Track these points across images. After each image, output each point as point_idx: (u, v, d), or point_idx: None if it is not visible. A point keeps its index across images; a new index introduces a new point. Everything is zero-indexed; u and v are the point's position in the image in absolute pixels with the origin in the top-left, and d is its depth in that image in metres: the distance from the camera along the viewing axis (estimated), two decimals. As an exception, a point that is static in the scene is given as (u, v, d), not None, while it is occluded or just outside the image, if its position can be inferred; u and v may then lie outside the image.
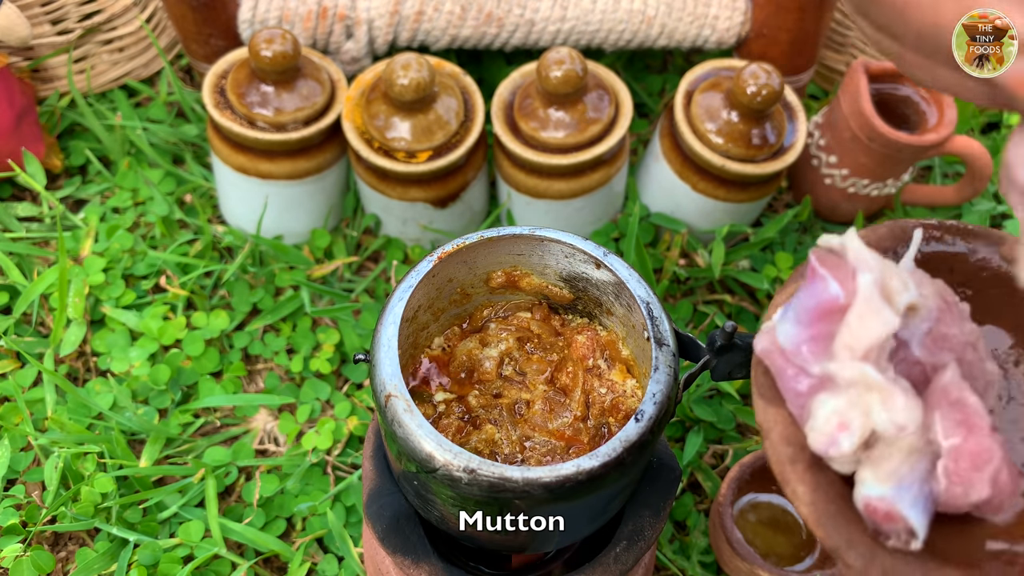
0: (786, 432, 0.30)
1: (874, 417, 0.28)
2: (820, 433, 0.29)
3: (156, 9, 0.84)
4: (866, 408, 0.28)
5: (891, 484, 0.28)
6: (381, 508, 0.45)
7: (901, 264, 0.31)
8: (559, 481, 0.35)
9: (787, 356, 0.30)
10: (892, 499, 0.28)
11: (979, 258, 0.34)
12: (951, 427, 0.28)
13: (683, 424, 0.70)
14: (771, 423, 0.31)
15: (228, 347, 0.72)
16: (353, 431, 0.68)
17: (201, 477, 0.64)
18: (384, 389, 0.37)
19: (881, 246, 0.34)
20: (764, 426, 0.31)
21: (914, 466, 0.28)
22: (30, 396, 0.67)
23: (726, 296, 0.76)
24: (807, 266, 0.31)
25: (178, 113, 0.85)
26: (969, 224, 0.35)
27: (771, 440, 0.30)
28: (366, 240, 0.78)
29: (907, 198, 0.81)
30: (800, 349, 0.30)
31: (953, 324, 0.30)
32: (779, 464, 0.30)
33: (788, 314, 0.31)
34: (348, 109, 0.70)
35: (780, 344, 0.30)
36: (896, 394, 0.28)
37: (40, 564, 0.60)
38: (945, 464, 0.28)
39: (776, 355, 0.31)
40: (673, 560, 0.64)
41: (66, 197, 0.79)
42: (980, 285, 0.34)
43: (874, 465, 0.28)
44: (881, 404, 0.28)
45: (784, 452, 0.30)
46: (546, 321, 0.46)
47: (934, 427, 0.28)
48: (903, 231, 0.34)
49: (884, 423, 0.28)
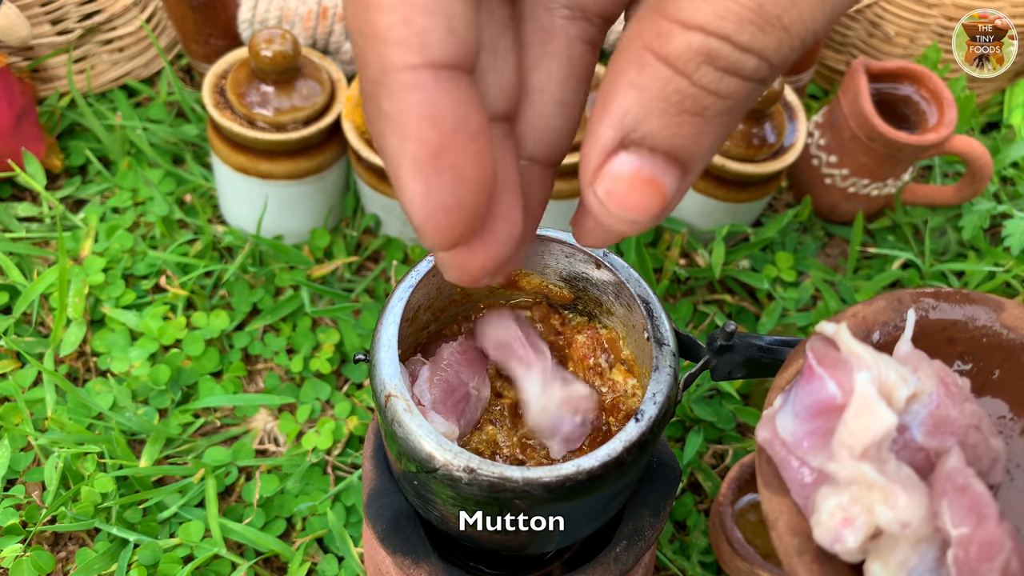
0: (792, 522, 0.30)
1: (877, 515, 0.28)
2: (825, 528, 0.29)
3: (156, 9, 0.84)
4: (868, 505, 0.28)
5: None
6: (381, 508, 0.45)
7: (898, 348, 0.31)
8: (559, 481, 0.35)
9: (788, 448, 0.30)
10: None
11: (979, 325, 0.34)
12: (960, 516, 0.28)
13: (683, 424, 0.70)
14: (776, 513, 0.31)
15: (228, 347, 0.72)
16: (353, 431, 0.68)
17: (201, 477, 0.64)
18: (384, 389, 0.37)
19: (879, 320, 0.33)
20: (770, 516, 0.31)
21: (923, 555, 0.28)
22: (30, 396, 0.67)
23: (726, 296, 0.76)
24: (804, 360, 0.31)
25: (178, 113, 0.85)
26: (967, 291, 0.34)
27: (777, 531, 0.31)
28: (366, 240, 0.78)
29: (907, 198, 0.81)
30: (801, 443, 0.30)
31: (954, 406, 0.30)
32: (787, 556, 0.30)
33: (788, 406, 0.31)
34: (348, 109, 0.70)
35: (781, 436, 0.30)
36: (897, 492, 0.28)
37: (40, 564, 0.60)
38: (955, 553, 0.28)
39: (778, 445, 0.31)
40: (673, 560, 0.64)
41: (66, 197, 0.79)
42: (981, 353, 0.34)
43: (883, 557, 0.28)
44: (883, 502, 0.28)
45: (791, 543, 0.30)
46: (546, 321, 0.46)
47: (942, 515, 0.28)
48: (899, 303, 0.34)
49: (888, 521, 0.28)
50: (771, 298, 0.76)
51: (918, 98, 0.77)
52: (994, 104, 0.92)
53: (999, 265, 0.79)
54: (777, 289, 0.76)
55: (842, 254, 0.82)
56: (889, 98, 0.77)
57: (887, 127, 0.72)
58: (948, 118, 0.74)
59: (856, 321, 0.33)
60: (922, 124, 0.76)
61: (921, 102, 0.77)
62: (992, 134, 0.90)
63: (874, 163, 0.76)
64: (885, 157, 0.75)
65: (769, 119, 0.70)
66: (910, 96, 0.77)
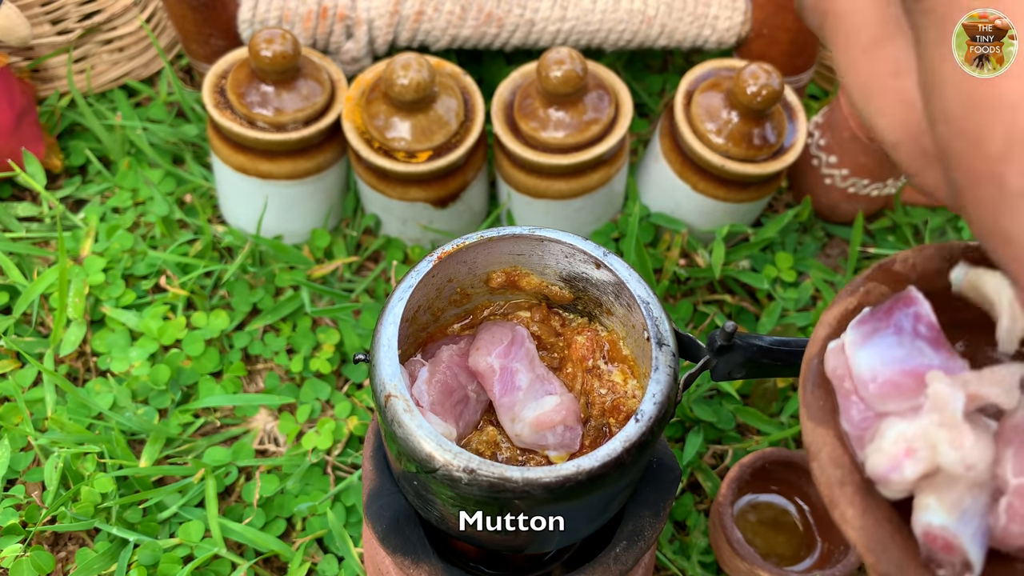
0: (834, 454, 0.30)
1: (941, 454, 0.28)
2: (885, 455, 0.28)
3: (156, 9, 0.84)
4: (934, 442, 0.28)
5: (956, 514, 0.28)
6: (381, 508, 0.45)
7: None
8: (559, 481, 0.35)
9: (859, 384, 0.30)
10: (955, 530, 0.28)
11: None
12: (1022, 466, 0.28)
13: (683, 424, 0.70)
14: (820, 444, 0.30)
15: (228, 347, 0.72)
16: (353, 431, 0.68)
17: (201, 477, 0.64)
18: (384, 389, 0.37)
19: (928, 268, 0.33)
20: (812, 447, 0.31)
21: (976, 498, 0.28)
22: (30, 396, 0.67)
23: (726, 296, 0.76)
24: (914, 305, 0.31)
25: (178, 113, 0.85)
26: None
27: (819, 461, 0.30)
28: (366, 240, 0.78)
29: (907, 198, 0.81)
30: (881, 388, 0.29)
31: None
32: (828, 486, 0.30)
33: (875, 347, 0.30)
34: (348, 109, 0.70)
35: (858, 372, 0.30)
36: (966, 433, 0.28)
37: (40, 564, 0.60)
38: (1010, 501, 0.28)
39: (847, 380, 0.30)
40: (673, 560, 0.64)
41: (66, 197, 0.79)
42: None
43: (938, 492, 0.28)
44: (950, 442, 0.27)
45: (833, 474, 0.30)
46: (546, 321, 0.46)
47: (1004, 463, 0.28)
48: (950, 252, 0.33)
49: (953, 461, 0.27)
50: (771, 298, 0.76)
51: (918, 98, 0.77)
52: (994, 104, 0.92)
53: (999, 265, 0.79)
54: (777, 289, 0.76)
55: (842, 254, 0.82)
56: (889, 98, 0.77)
57: (887, 127, 0.72)
58: (948, 118, 0.74)
59: (906, 266, 0.33)
60: (922, 124, 0.76)
61: (921, 102, 0.77)
62: (992, 134, 0.90)
63: (874, 163, 0.76)
64: (885, 157, 0.75)
65: (769, 119, 0.70)
66: (910, 96, 0.77)
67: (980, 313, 0.31)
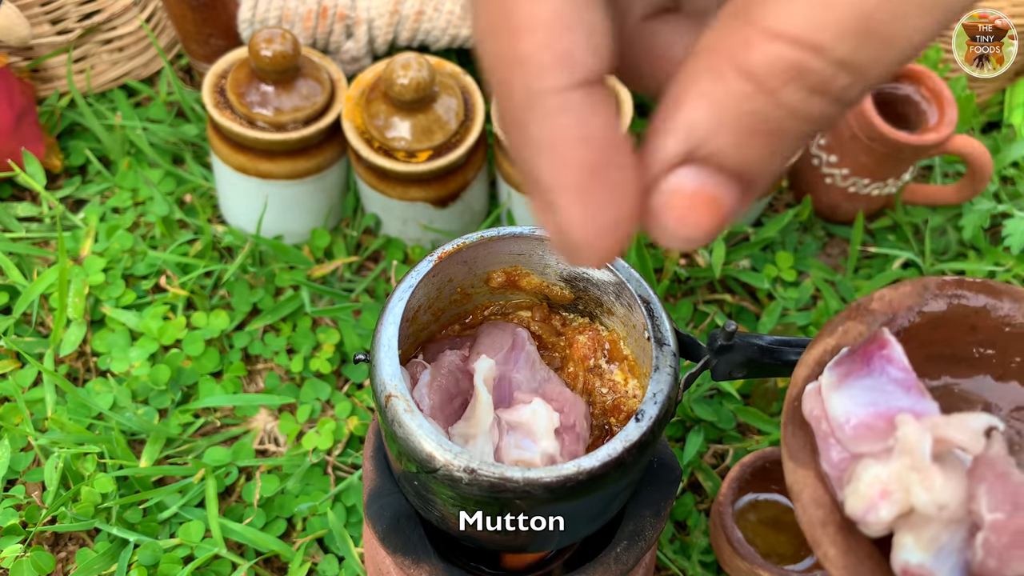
0: (816, 494, 0.31)
1: (913, 496, 0.28)
2: (861, 497, 0.29)
3: (156, 9, 0.84)
4: (907, 485, 0.28)
5: (932, 552, 0.28)
6: (381, 508, 0.45)
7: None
8: (559, 481, 0.35)
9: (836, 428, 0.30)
10: (931, 567, 0.28)
11: (1002, 315, 0.34)
12: (996, 502, 0.28)
13: (683, 424, 0.70)
14: (801, 485, 0.31)
15: (228, 347, 0.72)
16: (353, 431, 0.68)
17: (201, 477, 0.64)
18: (384, 389, 0.37)
19: (904, 304, 0.34)
20: (794, 488, 0.31)
21: (953, 534, 0.29)
22: (30, 396, 0.67)
23: (726, 296, 0.76)
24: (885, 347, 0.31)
25: (178, 113, 0.85)
26: (991, 280, 0.35)
27: (802, 502, 0.31)
28: (366, 240, 0.78)
29: (907, 198, 0.81)
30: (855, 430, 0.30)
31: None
32: (810, 526, 0.31)
33: (848, 390, 0.31)
34: (348, 109, 0.70)
35: (832, 415, 0.31)
36: (935, 475, 0.28)
37: (40, 564, 0.60)
38: (986, 537, 0.28)
39: (823, 422, 0.31)
40: (673, 560, 0.64)
41: (66, 197, 0.79)
42: (1003, 341, 0.34)
43: (915, 531, 0.29)
44: (920, 483, 0.28)
45: (815, 514, 0.30)
46: (547, 321, 0.46)
47: (978, 499, 0.28)
48: (925, 289, 0.34)
49: (924, 503, 0.28)
50: (771, 298, 0.76)
51: (918, 98, 0.77)
52: (994, 104, 0.92)
53: (999, 265, 0.79)
54: (777, 289, 0.76)
55: (842, 254, 0.82)
56: (889, 98, 0.77)
57: (887, 127, 0.72)
58: (948, 118, 0.74)
59: (883, 304, 0.34)
60: (922, 124, 0.76)
61: (921, 102, 0.77)
62: (992, 134, 0.90)
63: (874, 163, 0.76)
64: (885, 157, 0.75)
65: (769, 119, 0.70)
66: (910, 96, 0.77)
67: (959, 348, 0.32)
